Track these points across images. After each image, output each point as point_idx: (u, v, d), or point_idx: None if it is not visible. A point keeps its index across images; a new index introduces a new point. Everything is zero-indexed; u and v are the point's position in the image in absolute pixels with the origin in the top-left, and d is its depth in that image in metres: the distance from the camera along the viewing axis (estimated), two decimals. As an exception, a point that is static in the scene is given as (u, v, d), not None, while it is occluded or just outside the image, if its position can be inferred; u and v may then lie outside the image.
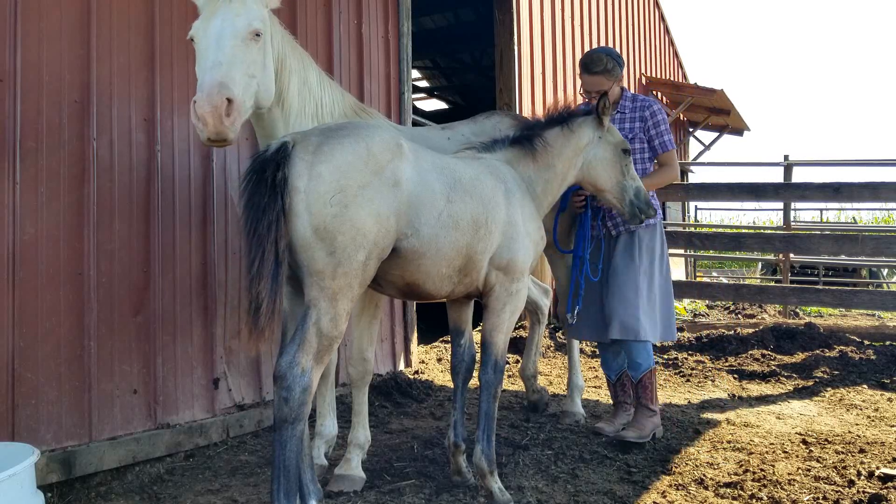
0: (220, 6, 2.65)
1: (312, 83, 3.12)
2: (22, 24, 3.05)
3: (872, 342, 6.57)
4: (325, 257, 2.32)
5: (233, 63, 2.57)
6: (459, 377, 3.15)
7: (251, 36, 2.65)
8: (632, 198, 3.29)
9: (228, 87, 2.50)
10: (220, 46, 2.57)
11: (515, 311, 2.98)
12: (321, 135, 2.47)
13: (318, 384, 3.30)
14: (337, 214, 2.32)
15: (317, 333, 2.34)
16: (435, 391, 5.10)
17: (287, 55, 2.97)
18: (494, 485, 2.87)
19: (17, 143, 3.01)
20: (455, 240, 2.66)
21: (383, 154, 2.48)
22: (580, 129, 3.24)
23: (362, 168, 2.40)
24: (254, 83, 2.67)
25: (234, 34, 2.60)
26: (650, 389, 3.71)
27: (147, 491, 3.21)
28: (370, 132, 2.54)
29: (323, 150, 2.39)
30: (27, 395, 3.00)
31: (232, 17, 2.63)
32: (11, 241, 2.99)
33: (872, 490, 3.00)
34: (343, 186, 2.34)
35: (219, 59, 2.55)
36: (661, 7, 12.84)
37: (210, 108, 2.44)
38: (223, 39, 2.58)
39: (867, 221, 15.86)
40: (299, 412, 2.32)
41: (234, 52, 2.59)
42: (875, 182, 6.31)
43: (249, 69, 2.64)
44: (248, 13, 2.66)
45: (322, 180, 2.33)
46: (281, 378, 2.32)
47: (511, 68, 7.30)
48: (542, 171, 3.14)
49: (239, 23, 2.62)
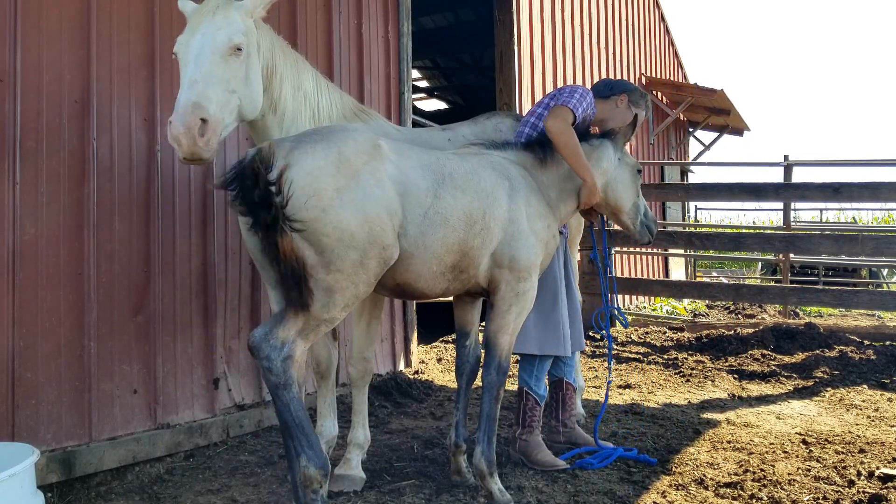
0: (203, 19, 2.63)
1: (308, 87, 3.10)
2: (22, 24, 3.05)
3: (872, 342, 6.57)
4: (315, 256, 2.34)
5: (209, 80, 2.54)
6: (463, 378, 3.15)
7: (231, 51, 2.62)
8: (643, 217, 3.40)
9: (203, 106, 2.48)
10: (199, 63, 2.55)
11: (522, 312, 2.96)
12: (294, 140, 2.49)
13: (318, 385, 3.33)
14: (316, 217, 2.33)
15: (304, 313, 2.35)
16: (435, 391, 5.10)
17: (278, 62, 2.94)
18: (494, 485, 2.87)
19: (17, 143, 3.01)
20: (444, 236, 2.64)
21: (357, 157, 2.47)
22: (601, 148, 3.26)
23: (334, 172, 2.40)
24: (234, 98, 2.64)
25: (214, 49, 2.58)
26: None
27: (147, 491, 3.21)
28: (344, 136, 2.53)
29: (293, 155, 2.39)
30: (27, 395, 3.00)
31: (212, 32, 2.60)
32: (11, 241, 2.99)
33: (872, 490, 3.00)
34: (316, 191, 2.35)
35: (195, 76, 2.53)
36: (661, 7, 12.84)
37: (183, 129, 2.43)
38: (202, 56, 2.56)
39: (867, 221, 15.88)
40: (287, 377, 2.33)
41: (211, 68, 2.56)
42: (875, 182, 6.32)
43: (229, 85, 2.62)
44: (229, 26, 2.63)
45: (294, 185, 2.33)
46: (255, 349, 2.33)
47: (511, 68, 7.30)
48: (559, 180, 3.12)
49: (219, 37, 2.60)
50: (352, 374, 3.32)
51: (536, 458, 3.38)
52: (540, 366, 3.47)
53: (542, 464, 3.35)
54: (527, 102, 7.49)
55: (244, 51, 2.65)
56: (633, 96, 3.62)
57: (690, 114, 13.44)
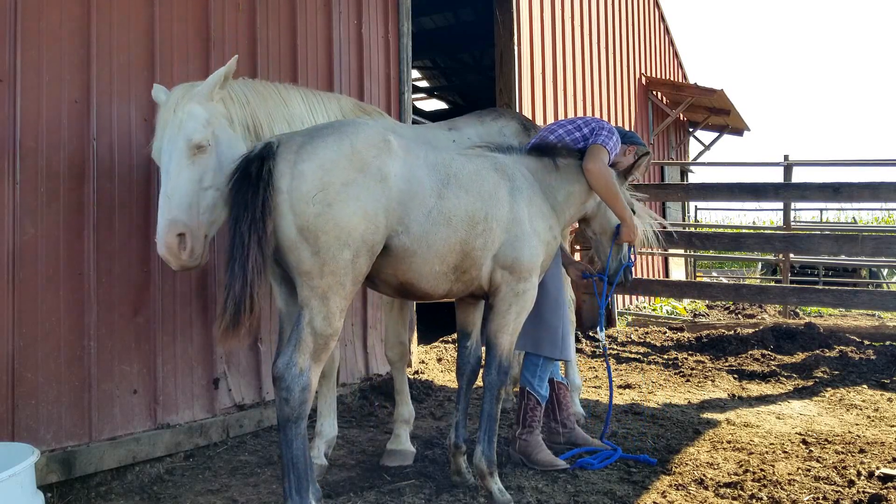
0: (168, 121, 2.72)
1: (299, 111, 3.15)
2: (22, 24, 3.05)
3: (872, 342, 6.57)
4: (311, 257, 2.34)
5: (179, 190, 2.64)
6: (464, 378, 3.15)
7: (195, 150, 2.68)
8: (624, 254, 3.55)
9: (177, 221, 2.62)
10: (168, 174, 2.67)
11: (522, 312, 2.96)
12: (306, 135, 2.50)
13: (319, 384, 3.33)
14: (320, 213, 2.33)
15: (311, 333, 2.37)
16: (435, 391, 5.10)
17: (259, 112, 2.98)
18: (494, 485, 2.87)
19: (17, 143, 3.01)
20: (447, 236, 2.64)
21: (368, 150, 2.48)
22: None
23: (346, 165, 2.41)
24: (210, 192, 2.72)
25: (179, 156, 2.67)
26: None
27: (147, 491, 3.21)
28: (355, 129, 2.54)
29: (306, 148, 2.40)
30: (27, 395, 3.00)
31: (174, 136, 2.68)
32: (11, 241, 2.99)
33: (872, 490, 3.00)
34: (326, 184, 2.35)
35: (167, 189, 2.65)
36: (661, 7, 12.84)
37: (165, 250, 2.62)
38: (170, 164, 2.67)
39: (867, 221, 15.87)
40: (301, 410, 2.35)
41: (179, 174, 2.65)
42: (875, 182, 6.32)
43: (202, 183, 2.70)
44: (190, 124, 2.68)
45: (304, 179, 2.34)
46: (279, 379, 2.35)
47: (511, 68, 7.30)
48: (565, 182, 3.18)
49: (180, 143, 2.67)
50: (390, 357, 3.64)
51: (536, 458, 3.38)
52: (543, 366, 3.47)
53: (542, 464, 3.36)
54: (527, 102, 7.49)
55: (208, 144, 2.71)
56: (639, 151, 3.82)
57: (690, 114, 13.44)
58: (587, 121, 3.52)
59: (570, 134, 3.44)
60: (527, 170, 3.07)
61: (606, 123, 3.49)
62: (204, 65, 3.82)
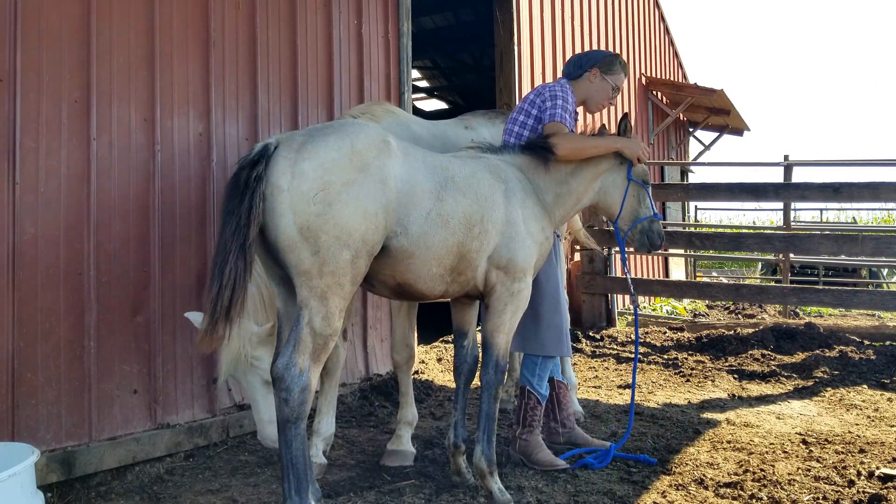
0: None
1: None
2: (22, 24, 3.05)
3: (872, 342, 6.56)
4: (311, 257, 2.33)
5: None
6: (461, 378, 3.15)
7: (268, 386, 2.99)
8: (644, 227, 3.21)
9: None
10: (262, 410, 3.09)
11: (517, 311, 2.97)
12: (306, 134, 2.50)
13: (322, 382, 3.34)
14: (320, 213, 2.32)
15: (311, 333, 2.36)
16: (435, 391, 5.10)
17: None
18: (494, 485, 2.87)
19: (17, 143, 3.01)
20: (444, 238, 2.65)
21: (368, 151, 2.48)
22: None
23: (347, 165, 2.41)
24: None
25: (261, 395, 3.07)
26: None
27: (147, 491, 3.21)
28: (356, 129, 2.54)
29: (307, 147, 2.40)
30: (27, 395, 3.00)
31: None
32: (11, 241, 2.99)
33: (872, 490, 3.00)
34: (326, 184, 2.35)
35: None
36: (661, 7, 12.83)
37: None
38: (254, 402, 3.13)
39: (867, 221, 15.87)
40: (300, 411, 2.34)
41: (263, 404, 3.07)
42: (875, 182, 6.32)
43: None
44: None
45: (305, 178, 2.34)
46: (279, 380, 2.35)
47: (511, 68, 7.29)
48: (554, 184, 3.10)
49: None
50: (397, 359, 3.63)
51: (536, 457, 3.38)
52: (543, 365, 3.47)
53: (542, 463, 3.35)
54: (527, 102, 7.47)
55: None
56: (603, 66, 3.45)
57: (690, 114, 13.43)
58: (533, 100, 3.35)
59: (523, 127, 3.33)
60: (519, 171, 3.06)
61: (548, 87, 3.32)
62: (204, 65, 3.82)
